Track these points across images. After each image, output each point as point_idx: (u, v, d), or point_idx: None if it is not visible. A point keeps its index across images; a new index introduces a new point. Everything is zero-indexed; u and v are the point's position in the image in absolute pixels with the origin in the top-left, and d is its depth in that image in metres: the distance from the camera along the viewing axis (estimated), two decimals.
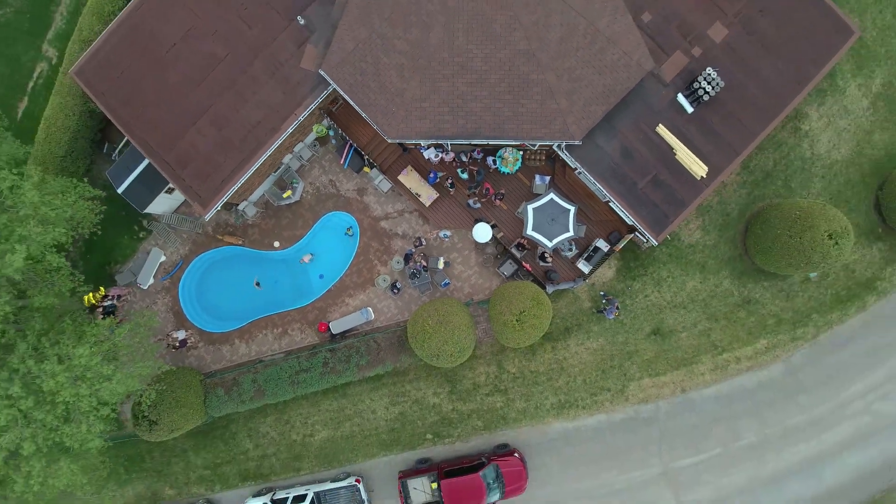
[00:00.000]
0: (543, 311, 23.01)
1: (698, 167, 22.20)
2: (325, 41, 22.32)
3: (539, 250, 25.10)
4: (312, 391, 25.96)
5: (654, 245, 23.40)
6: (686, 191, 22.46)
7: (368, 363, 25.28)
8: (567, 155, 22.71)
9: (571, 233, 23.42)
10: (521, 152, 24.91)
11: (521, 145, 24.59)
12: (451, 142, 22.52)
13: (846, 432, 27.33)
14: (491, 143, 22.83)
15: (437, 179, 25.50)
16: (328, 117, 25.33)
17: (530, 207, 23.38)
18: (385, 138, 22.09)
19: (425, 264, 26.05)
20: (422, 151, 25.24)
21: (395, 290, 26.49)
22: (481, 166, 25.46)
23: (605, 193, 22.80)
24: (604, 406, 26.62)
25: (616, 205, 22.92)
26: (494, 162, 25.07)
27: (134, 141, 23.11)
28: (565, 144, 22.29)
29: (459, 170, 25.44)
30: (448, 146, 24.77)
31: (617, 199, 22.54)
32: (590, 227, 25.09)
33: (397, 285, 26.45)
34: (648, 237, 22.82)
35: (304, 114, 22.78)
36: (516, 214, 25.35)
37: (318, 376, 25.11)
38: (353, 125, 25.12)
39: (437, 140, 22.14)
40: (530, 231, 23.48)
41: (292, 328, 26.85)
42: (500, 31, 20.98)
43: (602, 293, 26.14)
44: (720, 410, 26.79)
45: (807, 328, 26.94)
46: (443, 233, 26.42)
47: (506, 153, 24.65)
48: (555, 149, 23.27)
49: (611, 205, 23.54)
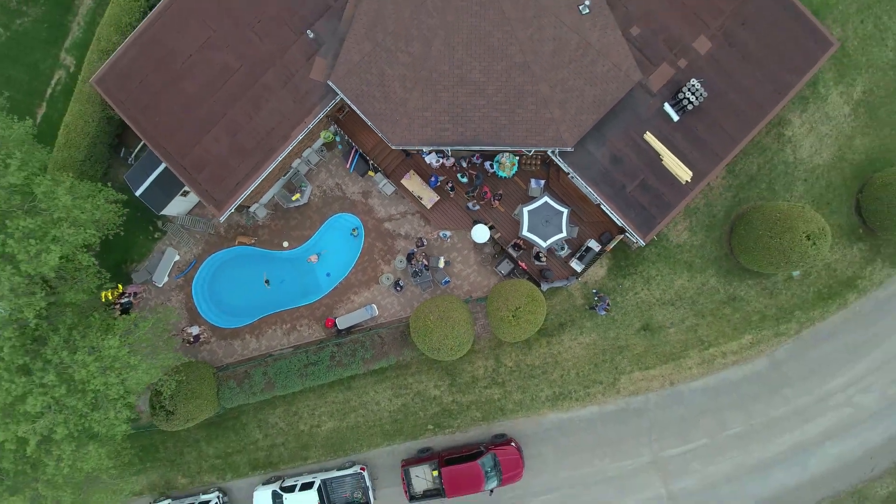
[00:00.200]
0: (538, 308, 24.77)
1: (683, 172, 23.97)
2: (333, 54, 24.10)
3: (534, 250, 26.88)
4: (320, 383, 27.76)
5: (642, 245, 25.15)
6: (672, 194, 24.23)
7: (373, 357, 27.08)
8: (560, 160, 24.48)
9: (564, 234, 25.20)
10: (518, 157, 26.68)
11: (518, 151, 26.34)
12: (451, 148, 24.27)
13: (828, 423, 29.04)
14: (489, 149, 24.59)
15: (438, 183, 27.30)
16: (335, 124, 27.11)
17: (526, 210, 25.17)
18: (389, 145, 23.88)
19: (426, 263, 27.85)
20: (423, 157, 27.02)
21: (398, 288, 28.28)
22: (480, 171, 27.25)
23: (596, 197, 24.58)
24: (596, 398, 28.39)
25: (606, 207, 24.69)
26: (492, 166, 26.85)
27: (153, 147, 24.87)
28: (558, 151, 24.06)
29: (459, 174, 27.23)
30: (448, 152, 26.54)
31: (607, 202, 24.32)
32: (582, 228, 26.87)
33: (400, 283, 28.24)
34: (637, 238, 24.59)
35: (314, 122, 24.57)
36: (513, 216, 27.13)
37: (326, 369, 26.91)
38: (358, 132, 26.90)
39: (438, 146, 23.92)
40: (526, 232, 25.26)
41: (300, 324, 28.66)
42: (496, 45, 22.73)
43: (594, 291, 27.92)
44: (707, 402, 28.54)
45: (790, 324, 28.68)
46: (443, 233, 28.20)
47: (503, 158, 26.42)
48: (549, 154, 25.05)
49: (602, 207, 25.30)
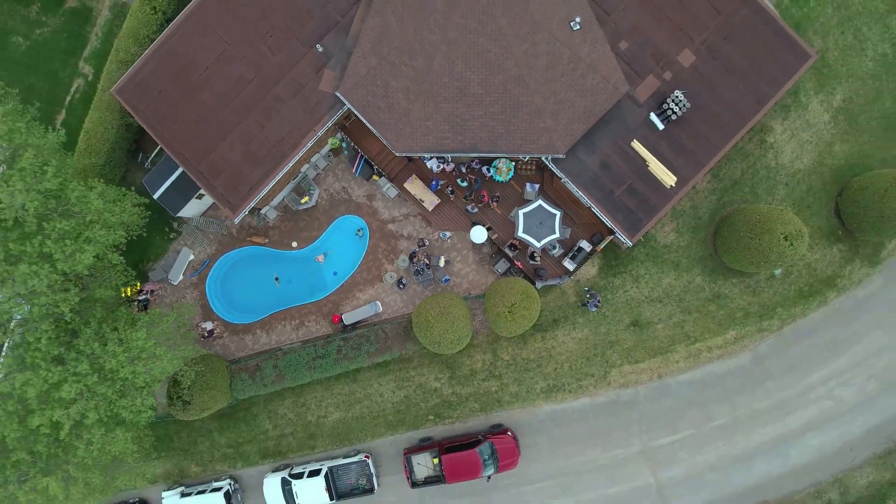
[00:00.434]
0: (533, 304, 26.84)
1: (668, 177, 26.05)
2: (341, 67, 26.20)
3: (529, 250, 28.97)
4: (327, 376, 29.87)
5: (630, 245, 27.24)
6: (657, 198, 26.32)
7: (377, 351, 29.18)
8: (553, 166, 26.59)
9: (557, 235, 27.29)
10: (514, 163, 28.77)
11: (514, 157, 28.42)
12: (451, 154, 26.37)
13: (809, 416, 31.07)
14: (486, 155, 26.67)
15: (439, 187, 29.39)
16: (342, 131, 29.20)
17: (521, 212, 27.27)
18: (393, 152, 25.99)
19: (428, 262, 29.95)
20: (425, 162, 29.12)
21: (400, 286, 30.39)
22: (478, 175, 29.34)
23: (587, 200, 26.69)
24: (588, 390, 30.48)
25: (596, 210, 26.79)
26: (490, 171, 28.94)
27: (172, 154, 26.96)
28: (552, 157, 26.16)
29: (459, 179, 29.32)
30: (449, 158, 28.65)
31: (596, 205, 26.42)
32: (574, 229, 28.95)
33: (403, 281, 30.34)
34: (625, 238, 26.67)
35: (322, 130, 26.68)
36: (509, 218, 29.22)
37: (333, 362, 29.02)
38: (363, 138, 28.98)
39: (439, 153, 26.01)
40: (521, 233, 27.37)
41: (308, 320, 30.77)
42: (493, 60, 24.81)
43: (586, 288, 30.01)
44: (693, 395, 30.60)
45: (772, 320, 30.73)
46: (443, 234, 30.29)
47: (500, 164, 28.52)
48: (543, 160, 27.13)
49: (592, 210, 27.38)
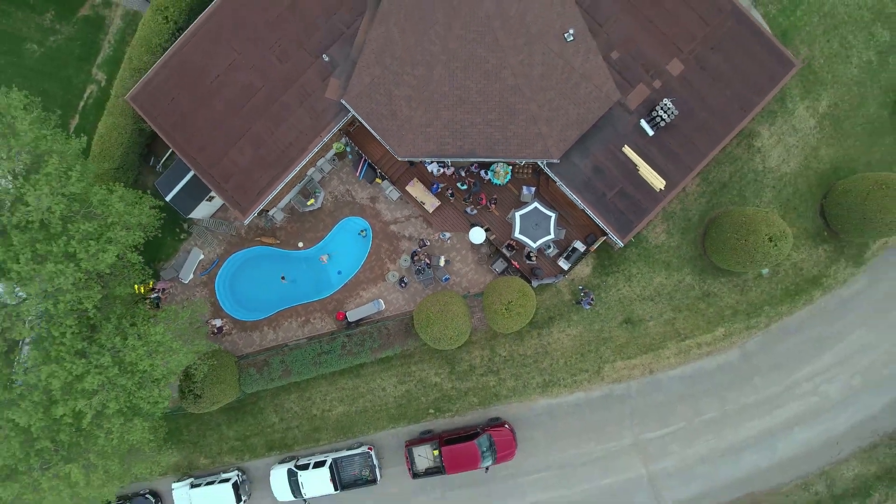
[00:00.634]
0: (528, 302, 28.48)
1: (657, 181, 27.69)
2: (346, 76, 27.87)
3: (525, 250, 30.62)
4: (331, 371, 31.55)
5: (621, 246, 28.88)
6: (647, 201, 27.97)
7: (380, 346, 30.85)
8: (549, 170, 28.24)
9: (552, 236, 28.96)
10: (511, 167, 30.44)
11: (511, 162, 30.05)
12: (451, 159, 28.01)
13: (796, 410, 32.66)
14: (485, 160, 28.31)
15: (439, 190, 31.08)
16: (346, 136, 30.88)
17: (517, 214, 28.94)
18: (396, 157, 27.65)
19: (429, 262, 31.63)
20: (426, 166, 30.79)
21: (402, 285, 32.05)
22: (477, 179, 31.02)
23: (580, 203, 28.32)
24: (582, 385, 32.13)
25: (589, 212, 28.43)
26: (487, 175, 30.60)
27: (184, 159, 28.63)
28: (547, 162, 27.81)
29: (459, 182, 30.98)
30: (449, 162, 30.31)
31: (589, 207, 28.08)
32: (569, 230, 30.62)
33: (404, 280, 32.00)
34: (616, 239, 28.32)
35: (328, 136, 28.34)
36: (506, 220, 30.89)
37: (337, 357, 30.69)
38: (367, 143, 30.65)
39: (440, 158, 27.67)
40: (518, 234, 29.04)
41: (314, 317, 32.45)
42: (491, 70, 26.46)
43: (580, 287, 31.67)
44: (684, 389, 32.23)
45: (760, 318, 32.35)
46: (443, 235, 31.96)
47: (498, 168, 30.18)
48: (539, 165, 28.79)
49: (586, 212, 29.02)
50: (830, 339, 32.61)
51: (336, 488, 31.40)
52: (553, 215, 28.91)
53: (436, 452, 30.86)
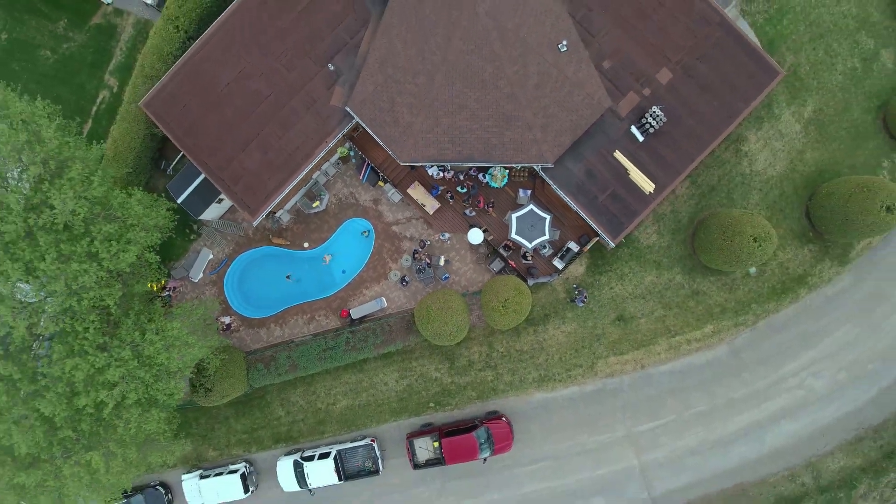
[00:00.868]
0: (524, 300, 30.31)
1: (647, 184, 29.54)
2: (350, 84, 29.72)
3: (522, 250, 32.47)
4: (336, 366, 33.40)
5: (612, 246, 30.72)
6: (637, 203, 29.81)
7: (382, 342, 32.71)
8: (543, 174, 30.09)
9: (547, 236, 30.84)
10: (508, 170, 32.29)
11: (507, 166, 31.90)
12: (450, 164, 29.86)
13: (783, 404, 34.37)
14: (483, 164, 30.13)
15: (439, 192, 32.95)
16: (350, 141, 32.74)
17: (514, 216, 30.81)
18: (398, 161, 29.50)
19: (429, 262, 33.50)
20: (427, 170, 32.65)
21: (404, 283, 33.93)
22: (475, 182, 32.88)
23: (574, 205, 30.17)
24: (576, 379, 33.97)
25: (582, 214, 30.27)
26: (485, 178, 32.46)
27: (196, 163, 30.47)
28: (542, 166, 29.66)
29: (459, 187, 32.85)
30: (448, 166, 32.17)
31: (582, 209, 29.94)
32: (563, 231, 32.48)
33: (406, 279, 33.87)
34: (608, 240, 30.17)
35: (333, 141, 30.20)
36: (503, 221, 32.76)
37: (342, 353, 32.53)
38: (370, 148, 32.50)
39: (440, 162, 29.52)
40: (514, 235, 30.90)
41: (319, 314, 34.33)
42: (488, 79, 28.30)
43: (574, 286, 33.53)
44: (674, 384, 34.02)
45: (747, 316, 34.15)
46: (443, 236, 33.82)
47: (495, 171, 32.04)
48: (534, 168, 30.64)
49: (579, 214, 30.85)
50: (816, 335, 34.29)
51: (340, 479, 33.24)
52: (548, 217, 30.77)
53: (436, 444, 32.67)
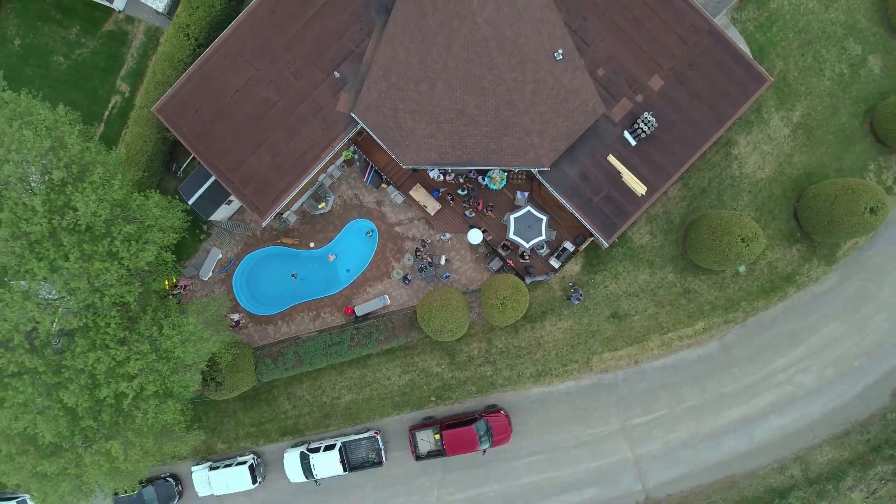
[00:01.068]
0: (522, 297, 32.17)
1: (639, 187, 31.41)
2: (356, 91, 31.59)
3: (519, 250, 34.36)
4: (341, 361, 35.28)
5: (606, 246, 32.57)
6: (630, 205, 31.68)
7: (385, 339, 34.60)
8: (540, 177, 31.96)
9: (544, 236, 32.71)
10: (506, 173, 34.16)
11: (506, 169, 33.76)
12: (451, 167, 31.73)
13: (772, 399, 36.26)
14: (482, 167, 31.99)
15: (440, 194, 34.83)
16: (354, 145, 34.61)
17: (512, 217, 32.70)
18: (401, 165, 31.37)
19: (430, 261, 35.38)
20: (428, 173, 34.52)
21: (406, 281, 35.82)
22: (475, 184, 34.76)
23: (569, 206, 32.03)
24: (572, 374, 35.86)
25: (577, 215, 32.13)
26: (485, 180, 34.34)
27: (207, 166, 32.34)
28: (538, 170, 31.52)
29: (459, 189, 34.72)
30: (449, 169, 34.03)
31: (577, 211, 31.82)
32: (559, 232, 34.36)
33: (408, 277, 35.77)
34: (601, 240, 32.04)
35: (339, 145, 32.06)
36: (502, 222, 34.64)
37: (347, 349, 34.44)
38: (374, 151, 34.38)
39: (441, 166, 31.38)
40: (512, 235, 32.78)
41: (324, 311, 36.23)
42: (487, 86, 30.14)
43: (570, 284, 35.42)
44: (667, 379, 35.91)
45: (737, 313, 36.03)
46: (444, 236, 35.70)
47: (494, 174, 33.92)
48: (532, 171, 32.51)
49: (574, 215, 32.71)
50: (804, 332, 36.18)
51: (345, 470, 35.14)
52: (545, 218, 32.65)
53: (437, 436, 34.55)
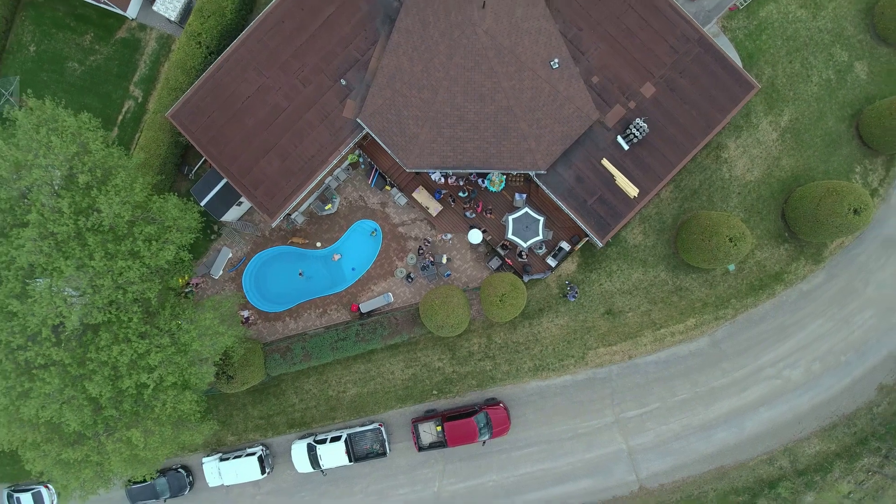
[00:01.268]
0: (520, 294, 34.37)
1: (632, 189, 33.62)
2: (361, 98, 33.81)
3: (518, 249, 36.59)
4: (347, 356, 37.50)
5: (600, 246, 34.80)
6: (623, 206, 33.91)
7: (389, 334, 36.82)
8: (537, 180, 34.19)
9: (541, 237, 34.95)
10: (505, 176, 36.39)
11: (504, 172, 35.98)
12: (452, 170, 33.95)
13: (761, 392, 38.47)
14: (482, 170, 34.21)
15: (442, 196, 37.05)
16: (360, 149, 36.83)
17: (510, 218, 34.93)
18: (404, 168, 33.59)
19: (432, 260, 37.61)
20: (430, 175, 36.76)
21: (409, 280, 38.05)
22: (475, 187, 36.99)
23: (565, 208, 34.26)
24: (569, 369, 38.08)
25: (573, 216, 34.36)
26: (485, 183, 36.57)
27: (219, 169, 34.55)
28: (535, 173, 33.75)
29: (460, 192, 36.95)
30: (450, 172, 36.24)
31: (572, 212, 34.05)
32: (556, 232, 36.62)
33: (411, 276, 38.00)
34: (595, 240, 34.27)
35: (345, 150, 34.29)
36: (500, 223, 36.87)
37: (352, 344, 36.65)
38: (378, 155, 36.62)
39: (442, 169, 33.60)
40: (510, 235, 35.03)
41: (330, 308, 38.46)
42: (487, 93, 32.38)
43: (567, 282, 37.64)
44: (659, 373, 38.13)
45: (727, 310, 38.23)
46: (445, 236, 37.92)
47: (493, 177, 36.16)
48: (529, 174, 34.74)
49: (570, 216, 34.94)
50: (791, 328, 38.40)
51: (350, 460, 37.37)
52: (542, 219, 34.89)
53: (439, 428, 36.77)
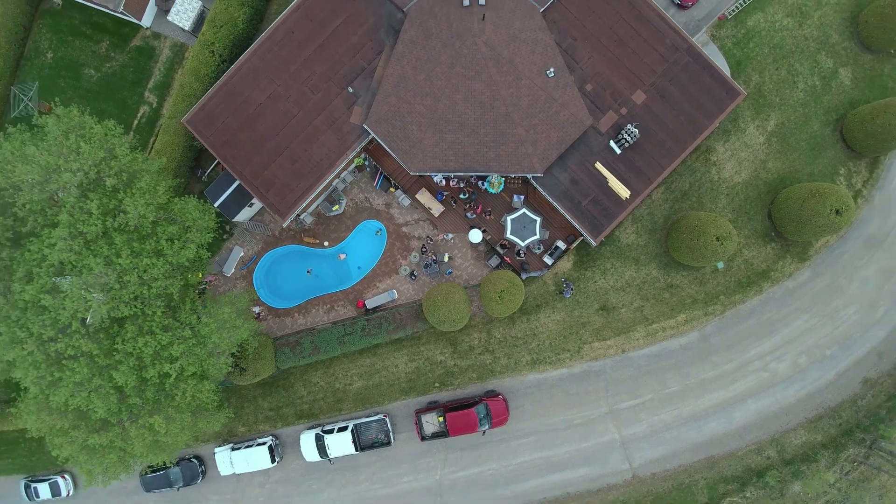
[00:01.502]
0: (518, 291, 37.14)
1: (623, 191, 36.43)
2: (367, 104, 36.61)
3: (516, 248, 39.39)
4: (353, 350, 40.29)
5: (594, 245, 37.60)
6: (615, 207, 36.72)
7: (394, 329, 39.61)
8: (534, 182, 37.01)
9: (538, 236, 37.76)
10: (504, 178, 39.20)
11: (503, 174, 38.77)
12: (454, 173, 36.76)
13: (749, 385, 41.16)
14: (482, 173, 37.02)
15: (444, 198, 39.85)
16: (365, 153, 39.64)
17: (509, 218, 37.75)
18: (408, 171, 36.40)
19: (435, 258, 40.42)
20: (433, 178, 39.57)
21: (412, 277, 40.87)
22: (475, 189, 39.80)
23: (561, 209, 37.07)
24: (565, 362, 40.87)
25: (568, 216, 37.16)
26: (485, 185, 39.39)
27: (233, 172, 37.35)
28: (532, 175, 36.57)
29: (461, 194, 39.74)
30: (452, 175, 39.04)
31: (567, 213, 36.87)
32: (552, 232, 39.43)
33: (414, 273, 40.81)
34: (590, 239, 37.07)
35: (352, 154, 37.10)
36: (499, 223, 39.68)
37: (358, 338, 39.45)
38: (383, 158, 39.43)
39: (444, 172, 36.41)
40: (509, 235, 37.84)
41: (338, 305, 41.26)
42: (486, 101, 35.17)
43: (563, 279, 40.44)
44: (651, 366, 40.87)
45: (716, 306, 40.99)
46: (447, 235, 40.71)
47: (493, 179, 38.97)
48: (527, 177, 37.56)
49: (565, 216, 37.75)
50: (778, 323, 41.11)
51: (356, 450, 40.14)
52: (539, 219, 37.72)
53: (441, 419, 39.53)
